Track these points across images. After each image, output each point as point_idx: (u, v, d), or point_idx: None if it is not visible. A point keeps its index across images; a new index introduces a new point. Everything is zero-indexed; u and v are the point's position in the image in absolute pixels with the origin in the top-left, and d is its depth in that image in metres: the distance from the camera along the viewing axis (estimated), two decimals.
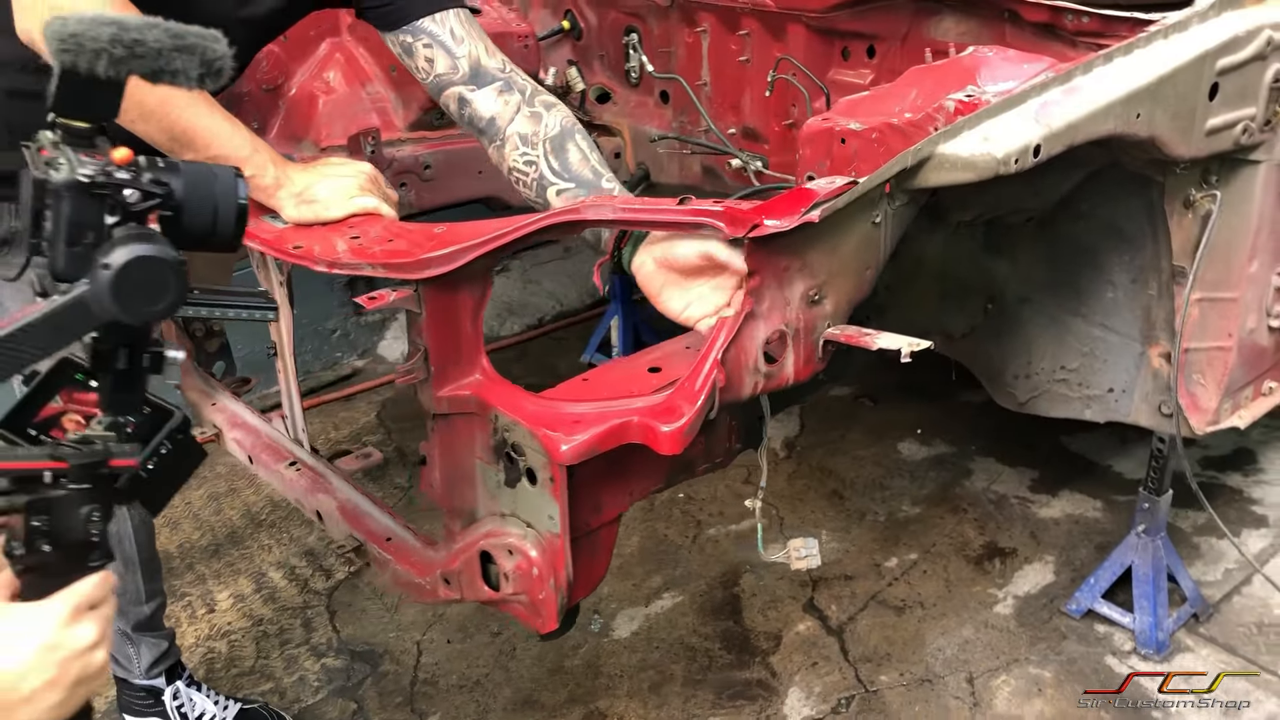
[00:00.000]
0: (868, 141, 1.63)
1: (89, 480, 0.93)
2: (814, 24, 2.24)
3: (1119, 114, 1.55)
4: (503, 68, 1.81)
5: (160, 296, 0.88)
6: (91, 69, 0.85)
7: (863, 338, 1.40)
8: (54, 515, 0.92)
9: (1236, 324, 1.97)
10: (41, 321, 0.87)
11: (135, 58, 0.86)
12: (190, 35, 0.89)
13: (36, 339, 0.87)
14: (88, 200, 0.87)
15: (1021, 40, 1.96)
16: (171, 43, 0.88)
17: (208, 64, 0.90)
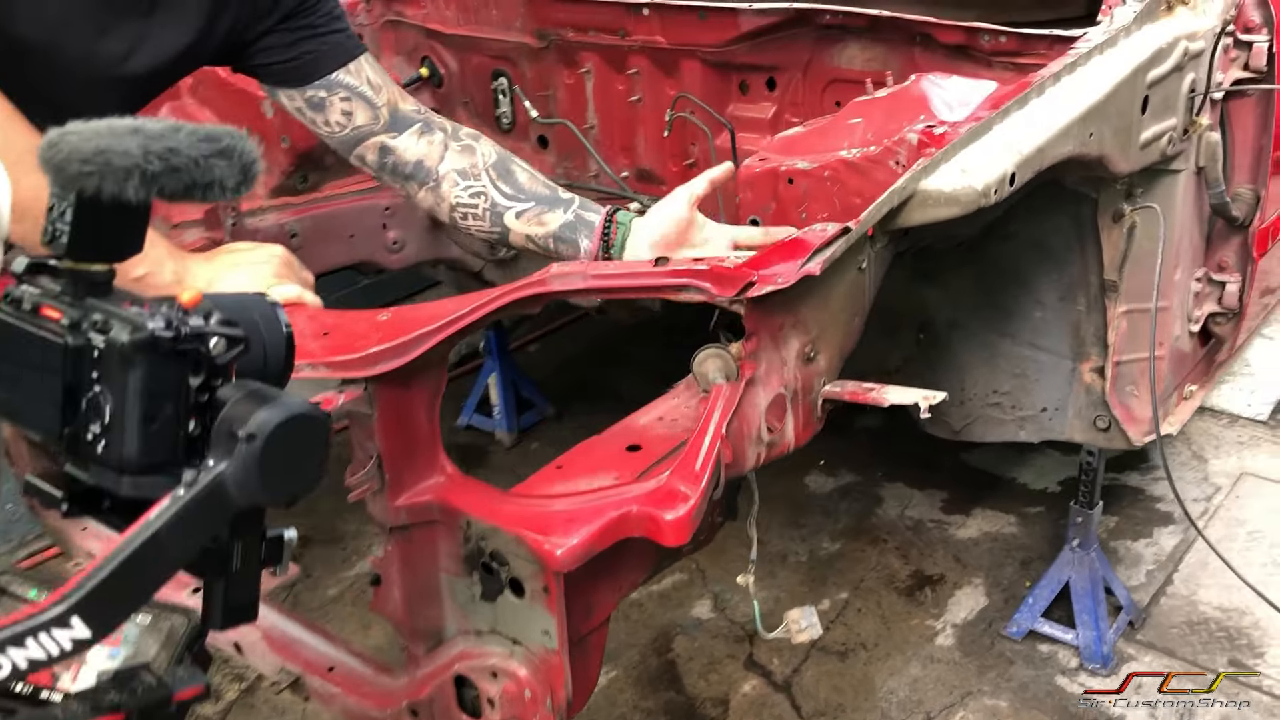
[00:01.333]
0: (819, 181, 1.54)
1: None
2: (710, 59, 2.15)
3: (1076, 135, 1.51)
4: (418, 110, 1.70)
5: (306, 465, 0.69)
6: (118, 193, 0.68)
7: (868, 394, 1.29)
8: None
9: (1168, 332, 1.97)
10: (176, 522, 0.66)
11: (171, 171, 0.69)
12: (223, 136, 0.72)
13: (173, 547, 0.67)
14: (168, 362, 0.69)
15: (933, 63, 1.91)
16: (207, 148, 0.71)
17: (245, 169, 0.73)
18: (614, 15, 2.20)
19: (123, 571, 0.65)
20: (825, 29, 2.01)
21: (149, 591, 0.66)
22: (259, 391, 0.69)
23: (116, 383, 0.69)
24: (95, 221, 0.71)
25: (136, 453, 0.68)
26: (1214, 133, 1.86)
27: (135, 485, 0.69)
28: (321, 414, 0.69)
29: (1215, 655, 2.31)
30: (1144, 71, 1.65)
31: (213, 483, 0.67)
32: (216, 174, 0.73)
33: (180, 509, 0.66)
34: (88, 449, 0.70)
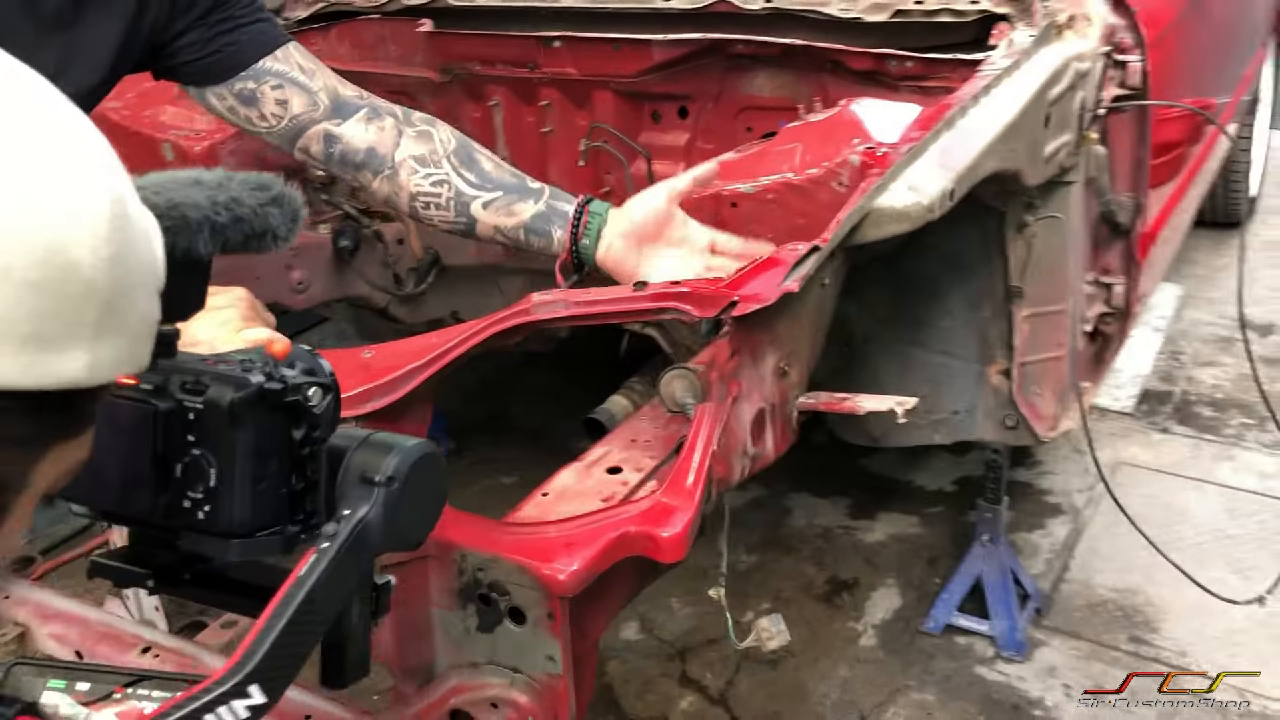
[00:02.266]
0: (762, 203, 1.60)
1: None
2: (623, 89, 2.20)
3: (1000, 151, 1.61)
4: (360, 95, 1.63)
5: (434, 503, 0.71)
6: (190, 247, 0.64)
7: (842, 403, 1.35)
8: None
9: (1067, 333, 2.10)
10: (328, 575, 0.65)
11: (235, 222, 0.67)
12: (272, 184, 0.71)
13: (325, 602, 0.66)
14: (273, 416, 0.67)
15: (842, 89, 2.01)
16: (263, 197, 0.69)
17: (294, 216, 0.72)
18: (524, 49, 2.22)
19: (288, 631, 0.64)
20: (735, 59, 2.08)
21: (309, 649, 0.66)
22: (376, 438, 0.69)
23: (222, 443, 0.67)
24: (167, 279, 0.69)
25: (249, 514, 0.67)
26: (1100, 146, 2.00)
27: (245, 548, 0.68)
28: (439, 452, 0.70)
29: (1116, 633, 2.47)
30: (1046, 91, 1.78)
31: (355, 530, 0.66)
32: (272, 223, 0.71)
33: (331, 560, 0.66)
34: (184, 516, 0.67)
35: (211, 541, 0.68)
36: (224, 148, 2.22)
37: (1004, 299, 2.04)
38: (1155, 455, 3.06)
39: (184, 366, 0.69)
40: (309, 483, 0.69)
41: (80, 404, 0.55)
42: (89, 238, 0.53)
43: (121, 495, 0.69)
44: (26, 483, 0.55)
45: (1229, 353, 3.55)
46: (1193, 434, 3.16)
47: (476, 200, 1.59)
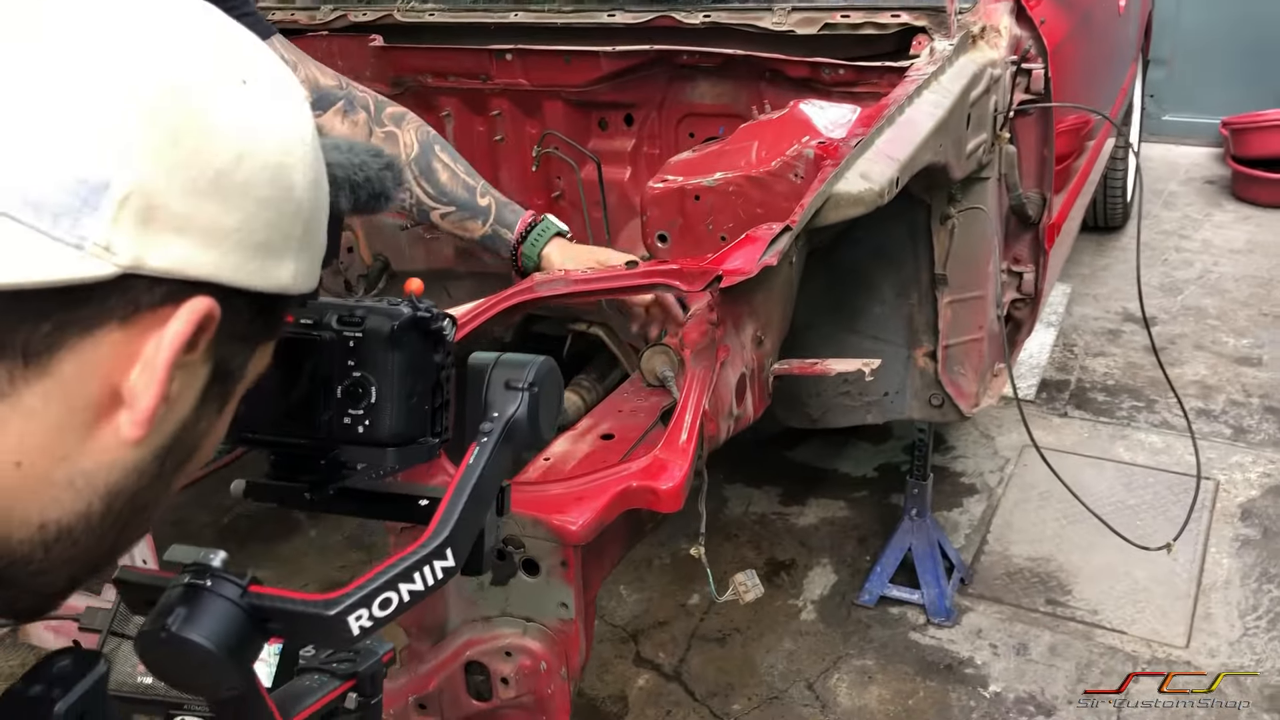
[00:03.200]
0: (725, 195, 1.74)
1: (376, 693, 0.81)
2: (572, 98, 2.33)
3: (933, 145, 1.79)
4: (340, 84, 1.73)
5: (559, 406, 0.81)
6: (334, 204, 0.72)
7: (815, 367, 1.50)
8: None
9: (986, 317, 2.30)
10: (491, 461, 0.76)
11: (366, 182, 0.77)
12: (382, 152, 0.80)
13: (487, 486, 0.76)
14: (423, 342, 0.77)
15: (780, 96, 2.18)
16: (379, 163, 0.79)
17: (398, 179, 0.82)
18: (477, 61, 2.34)
19: (468, 507, 0.74)
20: (679, 69, 2.23)
21: (479, 527, 0.76)
22: (509, 357, 0.81)
23: (381, 364, 0.76)
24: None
25: (403, 425, 0.76)
26: (1011, 145, 2.21)
27: (399, 456, 0.77)
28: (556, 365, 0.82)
29: (1035, 597, 2.67)
30: (967, 93, 1.97)
31: (507, 425, 0.78)
32: (388, 185, 0.80)
33: (492, 450, 0.77)
34: (346, 432, 0.77)
35: (370, 452, 0.77)
36: None
37: (929, 286, 2.23)
38: (1057, 438, 3.30)
39: (334, 305, 0.78)
40: (444, 402, 0.80)
41: (282, 309, 0.65)
42: (300, 162, 0.62)
43: (280, 419, 0.78)
44: (245, 373, 0.64)
45: (1116, 344, 3.84)
46: (1089, 417, 3.42)
47: (434, 211, 1.75)
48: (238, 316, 0.60)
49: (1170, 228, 4.81)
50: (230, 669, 0.66)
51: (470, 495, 0.75)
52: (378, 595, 0.70)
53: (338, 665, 0.84)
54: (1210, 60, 5.60)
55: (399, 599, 0.71)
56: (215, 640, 0.65)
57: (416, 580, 0.72)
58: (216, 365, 0.61)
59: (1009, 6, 2.21)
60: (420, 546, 0.72)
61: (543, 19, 2.36)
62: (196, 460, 0.64)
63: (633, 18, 2.28)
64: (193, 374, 0.60)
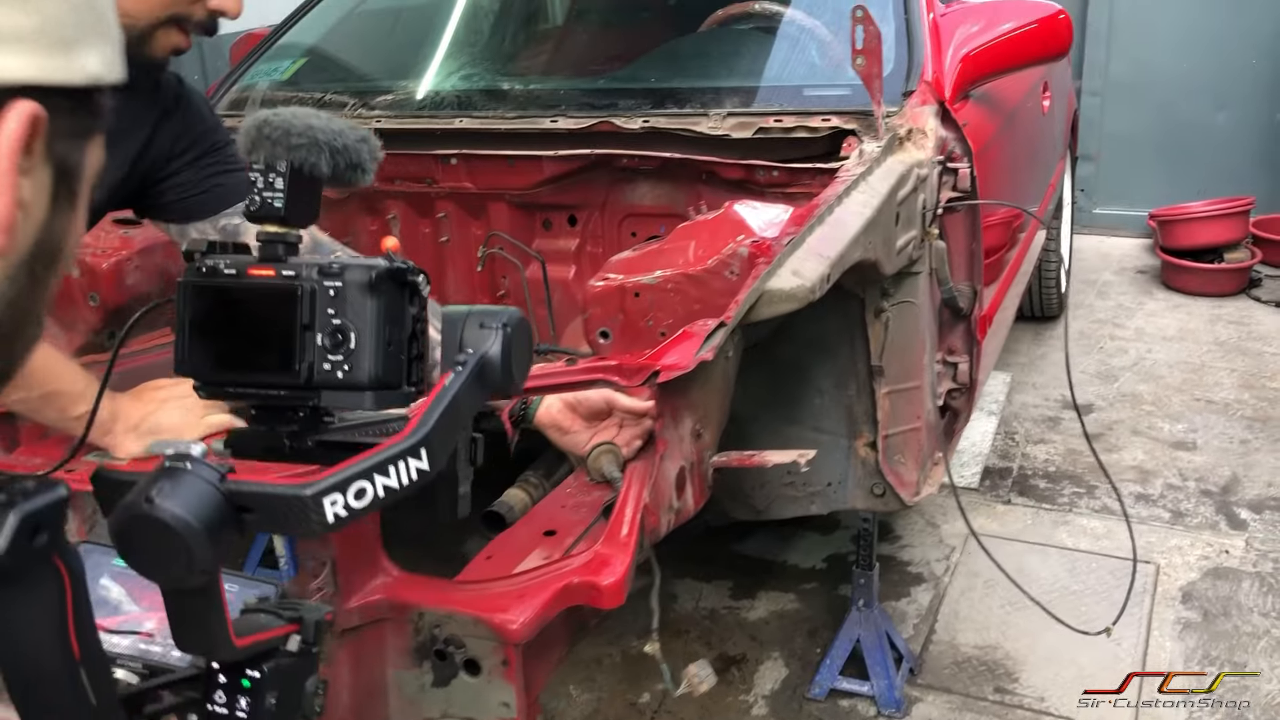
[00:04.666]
0: (663, 293, 1.79)
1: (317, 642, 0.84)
2: (516, 200, 2.38)
3: (863, 242, 1.86)
4: (333, 240, 1.79)
5: (527, 358, 0.87)
6: (315, 167, 0.84)
7: (753, 459, 1.53)
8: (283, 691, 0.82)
9: (923, 407, 2.35)
10: (464, 388, 0.81)
11: (342, 151, 0.85)
12: (359, 128, 0.88)
13: (462, 411, 0.80)
14: (399, 293, 0.83)
15: (717, 197, 2.24)
16: (356, 135, 0.87)
17: (374, 156, 0.89)
18: (422, 166, 2.39)
19: (444, 416, 0.78)
20: (620, 171, 2.30)
21: (453, 444, 0.81)
22: (481, 307, 0.86)
23: (360, 312, 0.81)
24: (298, 190, 0.85)
25: (381, 370, 0.82)
26: (941, 241, 2.29)
27: (377, 400, 0.83)
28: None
29: (983, 686, 2.68)
30: (895, 191, 2.05)
31: (482, 359, 0.82)
32: (364, 157, 0.88)
33: (466, 377, 0.81)
34: (326, 377, 0.82)
35: (349, 396, 0.82)
36: (129, 264, 2.30)
37: (867, 377, 2.28)
38: (1001, 525, 3.34)
39: (314, 260, 0.84)
40: (419, 354, 0.85)
41: (100, 100, 0.68)
42: None
43: (261, 370, 0.84)
44: (84, 168, 0.68)
45: (1056, 430, 3.91)
46: (1032, 504, 3.47)
47: None
48: (61, 114, 0.64)
49: (1104, 316, 4.95)
50: (206, 549, 0.69)
51: (446, 409, 0.79)
52: (352, 483, 0.74)
53: (283, 611, 0.87)
54: (1136, 156, 5.82)
55: (373, 491, 0.74)
56: (196, 516, 0.68)
57: (391, 475, 0.75)
58: (57, 166, 0.65)
59: (934, 110, 2.31)
60: (397, 443, 0.75)
61: (487, 125, 2.43)
62: (64, 260, 0.69)
63: (575, 123, 2.35)
64: (38, 179, 0.64)
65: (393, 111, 2.56)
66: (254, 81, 2.90)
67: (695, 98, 2.37)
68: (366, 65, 2.87)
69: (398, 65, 2.83)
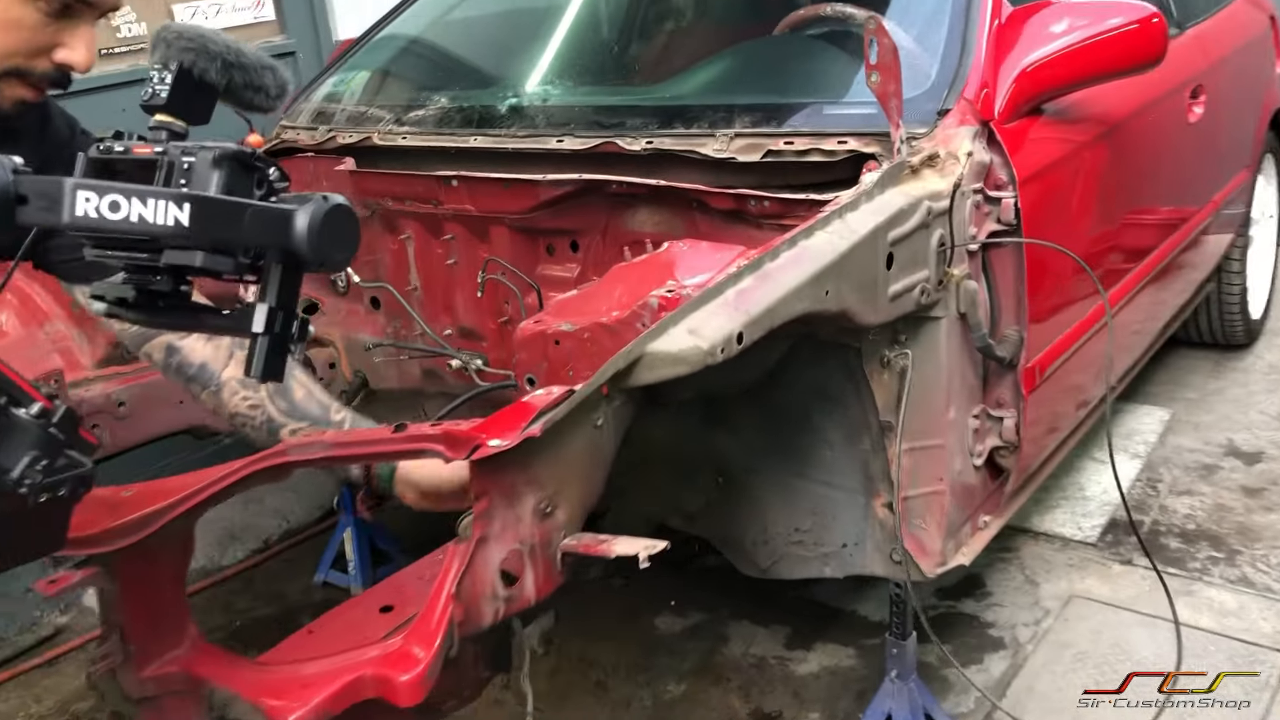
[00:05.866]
0: (581, 342, 1.64)
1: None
2: (516, 224, 2.27)
3: (809, 294, 1.63)
4: (324, 395, 1.72)
5: (351, 244, 1.00)
6: (205, 72, 1.03)
7: (599, 545, 1.37)
8: None
9: (945, 468, 2.08)
10: (258, 212, 0.95)
11: (238, 68, 1.04)
12: (268, 58, 1.09)
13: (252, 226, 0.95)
14: (241, 172, 0.96)
15: (711, 226, 2.05)
16: (264, 61, 1.07)
17: (281, 87, 1.10)
18: (427, 186, 2.32)
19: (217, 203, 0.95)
20: (617, 196, 2.14)
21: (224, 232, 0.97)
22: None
23: (203, 184, 0.95)
24: (185, 89, 1.04)
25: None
26: (971, 281, 2.00)
27: (206, 259, 0.97)
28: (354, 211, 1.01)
29: None
30: (885, 231, 1.80)
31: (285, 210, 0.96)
32: (266, 81, 1.08)
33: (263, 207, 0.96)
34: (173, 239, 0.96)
35: (185, 254, 0.96)
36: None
37: (879, 432, 2.04)
38: (1112, 589, 2.95)
39: (180, 146, 0.99)
40: None
41: None
42: None
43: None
44: None
45: (1208, 481, 3.43)
46: (1156, 567, 3.04)
47: (284, 428, 1.64)
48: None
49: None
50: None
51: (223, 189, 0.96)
52: (111, 193, 0.90)
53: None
54: None
55: (128, 210, 0.90)
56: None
57: (150, 207, 0.90)
58: None
59: (974, 131, 2.03)
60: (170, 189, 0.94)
61: (498, 143, 2.33)
62: None
63: (580, 144, 2.21)
64: None
65: (418, 130, 2.49)
66: (337, 90, 2.91)
67: (706, 116, 2.18)
68: (421, 77, 2.83)
69: (447, 78, 2.77)
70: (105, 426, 2.38)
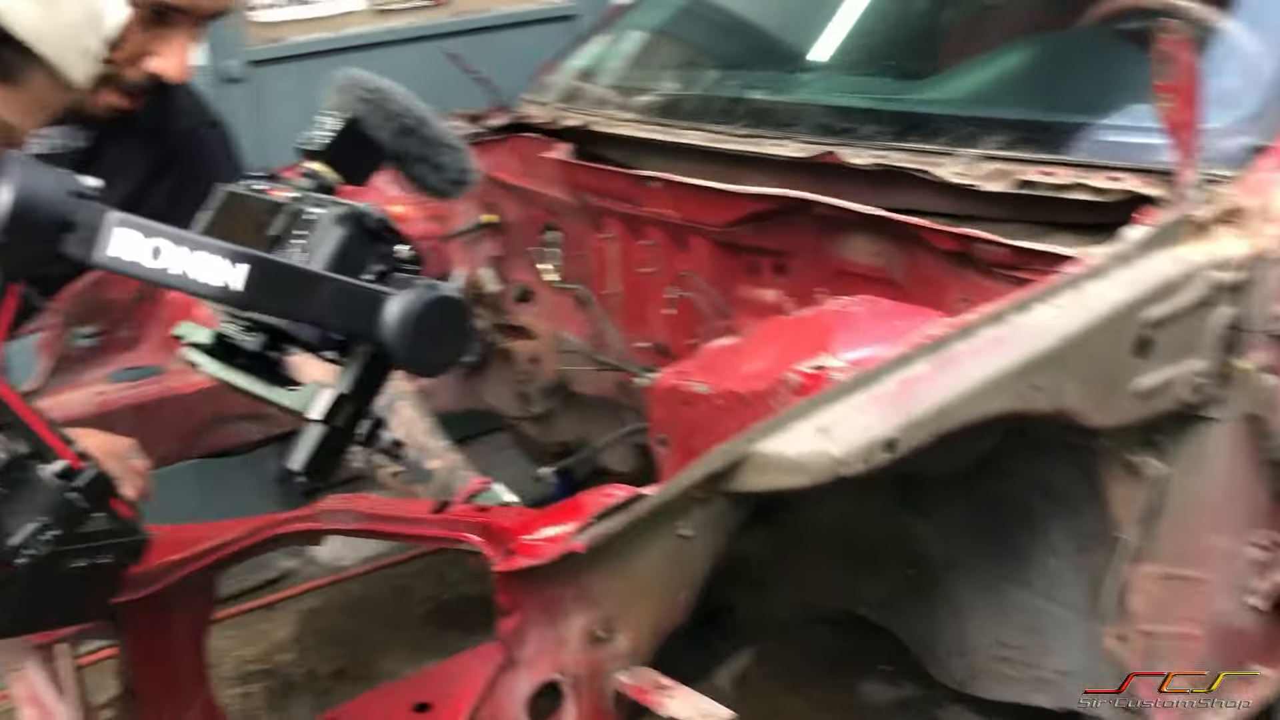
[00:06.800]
0: (713, 409, 1.36)
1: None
2: (716, 237, 1.99)
3: (1010, 389, 1.26)
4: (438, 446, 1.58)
5: (446, 348, 0.87)
6: (375, 129, 0.91)
7: (652, 695, 1.09)
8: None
9: (1205, 606, 1.62)
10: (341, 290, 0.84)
11: (416, 137, 0.92)
12: (459, 140, 0.95)
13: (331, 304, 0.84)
14: (364, 240, 0.87)
15: (934, 268, 1.69)
16: (449, 139, 0.94)
17: (462, 173, 0.95)
18: (627, 185, 2.09)
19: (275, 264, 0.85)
20: (828, 217, 1.82)
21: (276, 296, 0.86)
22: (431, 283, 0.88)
23: (321, 240, 0.86)
24: (349, 142, 0.93)
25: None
26: (1270, 377, 1.53)
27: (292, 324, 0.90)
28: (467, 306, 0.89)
29: None
30: (1141, 308, 1.38)
31: (377, 294, 0.84)
32: (445, 160, 0.95)
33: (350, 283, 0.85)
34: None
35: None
36: None
37: (1119, 549, 1.61)
38: None
39: (316, 197, 0.91)
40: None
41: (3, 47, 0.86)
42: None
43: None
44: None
45: None
46: None
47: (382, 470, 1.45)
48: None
49: None
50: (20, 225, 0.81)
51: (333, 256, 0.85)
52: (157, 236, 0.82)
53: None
54: None
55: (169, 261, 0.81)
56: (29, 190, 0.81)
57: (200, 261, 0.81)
58: None
59: None
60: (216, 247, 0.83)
61: (714, 142, 2.05)
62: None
63: (801, 151, 1.89)
64: None
65: (640, 115, 2.26)
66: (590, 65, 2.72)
67: (951, 128, 1.79)
68: (671, 51, 2.57)
69: (696, 54, 2.50)
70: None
